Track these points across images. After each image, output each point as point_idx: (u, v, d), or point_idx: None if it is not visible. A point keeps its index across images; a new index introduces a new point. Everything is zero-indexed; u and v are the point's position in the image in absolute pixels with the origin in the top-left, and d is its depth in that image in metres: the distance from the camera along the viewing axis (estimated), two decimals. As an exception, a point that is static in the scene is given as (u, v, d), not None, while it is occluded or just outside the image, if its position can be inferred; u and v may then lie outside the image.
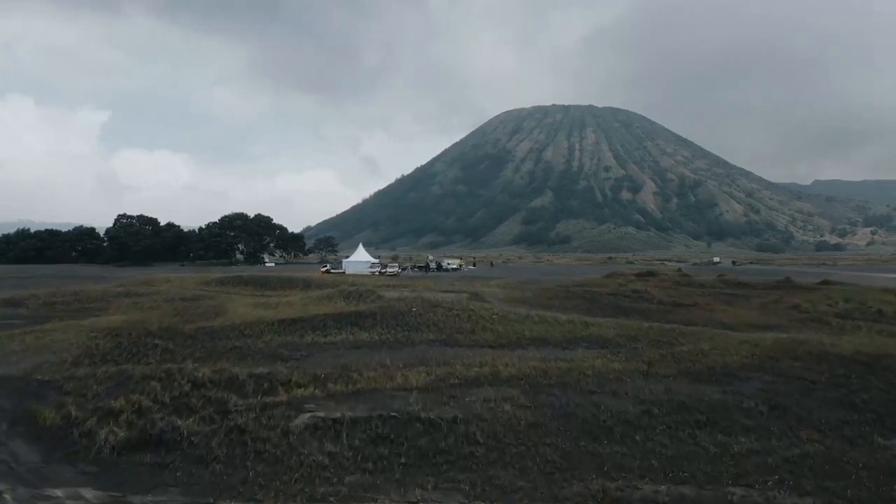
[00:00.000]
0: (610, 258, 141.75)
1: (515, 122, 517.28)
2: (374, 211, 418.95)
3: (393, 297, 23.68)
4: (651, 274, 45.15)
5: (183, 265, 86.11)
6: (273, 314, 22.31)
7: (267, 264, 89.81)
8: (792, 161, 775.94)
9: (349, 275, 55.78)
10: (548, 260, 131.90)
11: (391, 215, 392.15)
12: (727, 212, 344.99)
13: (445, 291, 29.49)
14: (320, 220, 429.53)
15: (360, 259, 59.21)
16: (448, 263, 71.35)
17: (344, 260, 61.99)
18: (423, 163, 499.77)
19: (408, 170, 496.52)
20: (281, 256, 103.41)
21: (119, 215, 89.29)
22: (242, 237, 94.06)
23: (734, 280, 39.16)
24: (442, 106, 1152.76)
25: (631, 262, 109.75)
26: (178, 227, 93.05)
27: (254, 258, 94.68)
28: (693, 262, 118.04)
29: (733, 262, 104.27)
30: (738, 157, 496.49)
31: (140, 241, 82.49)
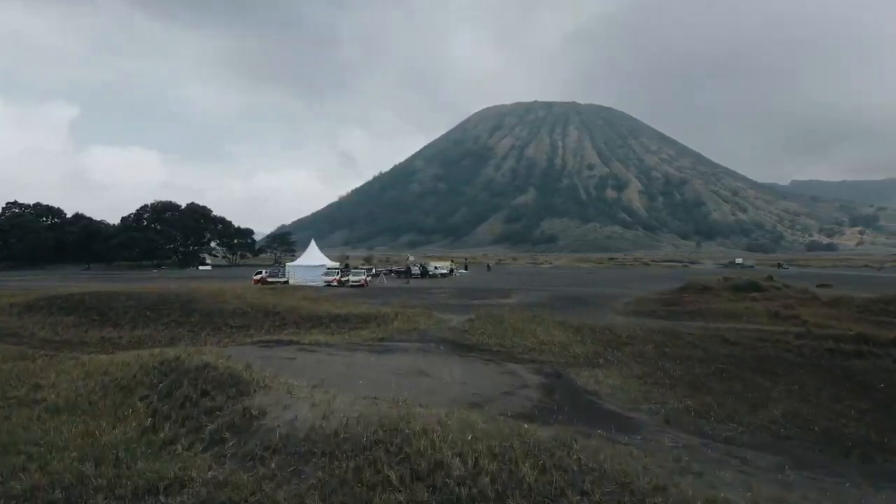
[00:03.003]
0: (611, 258, 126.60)
1: (497, 119, 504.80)
2: (351, 209, 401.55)
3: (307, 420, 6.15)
4: (756, 288, 28.60)
5: (88, 268, 66.58)
6: None
7: (202, 267, 70.71)
8: (770, 161, 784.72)
9: (294, 285, 37.98)
10: (546, 261, 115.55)
11: (368, 214, 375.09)
12: (715, 211, 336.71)
13: (463, 353, 12.16)
14: (295, 218, 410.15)
15: (311, 262, 41.38)
16: (435, 267, 53.88)
17: (289, 264, 43.79)
18: (402, 160, 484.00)
19: (386, 167, 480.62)
20: (224, 257, 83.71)
21: (8, 203, 68.39)
22: (175, 233, 74.22)
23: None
24: (421, 102, 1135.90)
25: (647, 264, 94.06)
26: (91, 219, 72.87)
27: (189, 259, 75.27)
28: (723, 264, 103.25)
29: (779, 265, 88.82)
30: (718, 157, 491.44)
31: (26, 236, 62.17)
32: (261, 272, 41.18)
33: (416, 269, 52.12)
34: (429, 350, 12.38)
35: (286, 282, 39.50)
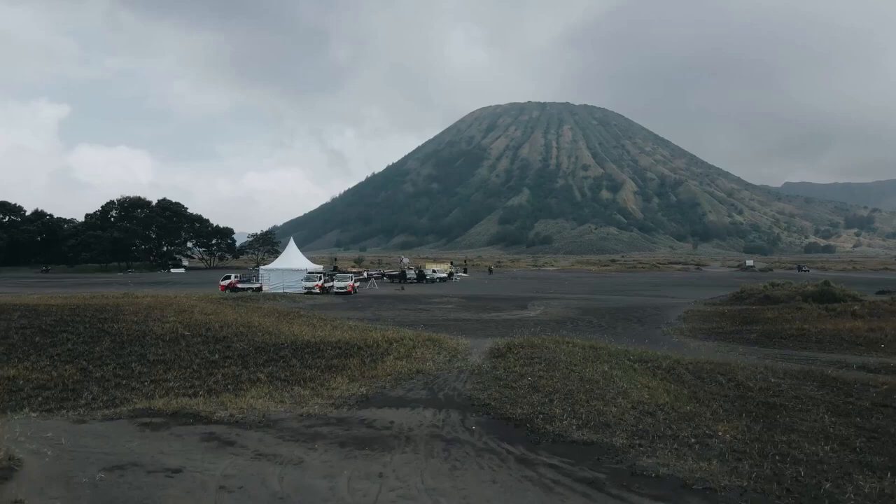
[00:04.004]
0: (613, 260, 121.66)
1: (490, 119, 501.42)
2: (343, 210, 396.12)
3: None
4: (832, 297, 23.11)
5: (46, 270, 60.00)
6: None
7: (174, 270, 64.19)
8: (762, 163, 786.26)
9: (268, 293, 31.99)
10: (547, 263, 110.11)
11: (361, 214, 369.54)
12: (710, 212, 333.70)
13: (521, 449, 6.20)
14: (287, 219, 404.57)
15: (289, 266, 35.30)
16: (433, 271, 47.87)
17: (262, 268, 37.34)
18: (395, 160, 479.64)
19: (379, 168, 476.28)
20: (201, 259, 76.71)
21: (-45, 200, 60.98)
22: (147, 232, 67.28)
23: None
24: (414, 102, 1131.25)
25: (658, 267, 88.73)
26: (51, 216, 65.90)
27: (163, 260, 68.52)
28: (732, 266, 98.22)
29: (799, 268, 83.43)
30: (711, 158, 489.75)
31: (-30, 235, 55.19)
32: (229, 277, 35.06)
33: (411, 273, 46.17)
34: (452, 438, 6.55)
35: (259, 288, 33.52)
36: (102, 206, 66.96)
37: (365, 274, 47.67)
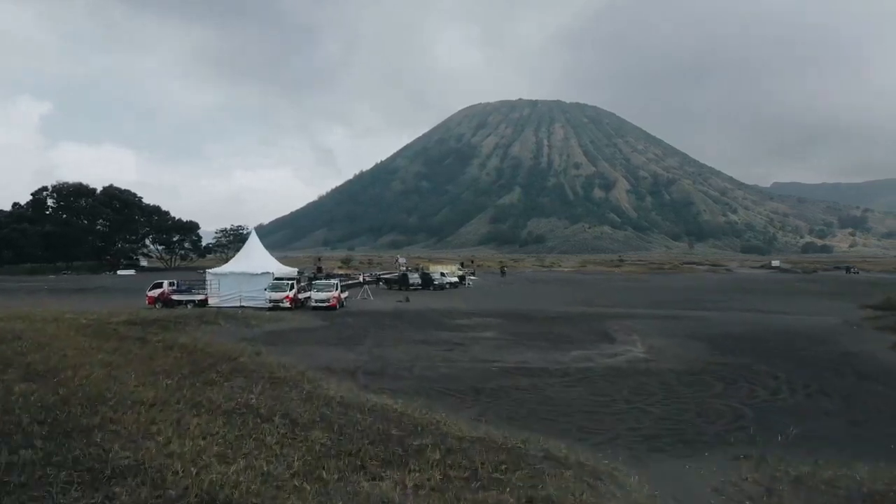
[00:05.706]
0: (622, 260, 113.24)
1: (480, 117, 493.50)
2: (331, 208, 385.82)
3: None
4: None
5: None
6: None
7: (122, 272, 53.52)
8: (752, 163, 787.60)
9: (215, 307, 22.08)
10: (553, 263, 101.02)
11: (349, 213, 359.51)
12: (704, 211, 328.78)
13: None
14: (273, 218, 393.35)
15: (248, 269, 25.21)
16: (441, 274, 38.11)
17: (211, 271, 26.65)
18: (384, 158, 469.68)
19: (367, 165, 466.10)
20: (160, 258, 65.60)
21: None
22: (94, 225, 56.42)
23: None
24: (404, 100, 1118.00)
25: (680, 268, 79.93)
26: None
27: (118, 260, 57.77)
28: (760, 266, 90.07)
29: (847, 269, 74.71)
30: (701, 158, 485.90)
31: None
32: (160, 285, 24.96)
33: (414, 277, 36.21)
34: None
35: (204, 301, 23.57)
36: (33, 194, 55.40)
37: (361, 278, 37.50)
